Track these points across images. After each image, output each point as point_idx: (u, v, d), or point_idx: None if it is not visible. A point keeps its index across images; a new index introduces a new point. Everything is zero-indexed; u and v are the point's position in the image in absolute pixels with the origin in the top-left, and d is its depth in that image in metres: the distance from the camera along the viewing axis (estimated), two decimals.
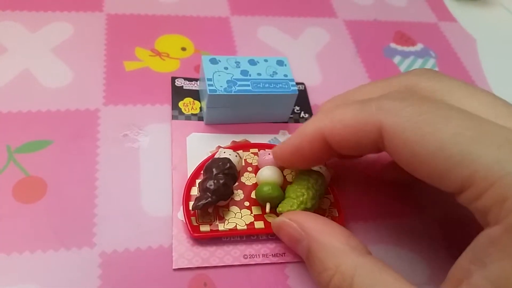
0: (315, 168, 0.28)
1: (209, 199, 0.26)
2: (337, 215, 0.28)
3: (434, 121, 0.20)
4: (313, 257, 0.22)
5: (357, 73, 0.38)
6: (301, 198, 0.26)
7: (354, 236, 0.23)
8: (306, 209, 0.25)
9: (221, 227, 0.26)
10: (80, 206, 0.26)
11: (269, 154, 0.29)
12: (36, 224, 0.25)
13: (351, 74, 0.38)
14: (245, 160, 0.30)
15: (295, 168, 0.28)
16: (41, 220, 0.25)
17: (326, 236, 0.22)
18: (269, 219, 0.27)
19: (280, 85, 0.30)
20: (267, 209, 0.27)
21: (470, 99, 0.23)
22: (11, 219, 0.25)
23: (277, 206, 0.26)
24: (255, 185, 0.28)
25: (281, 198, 0.27)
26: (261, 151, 0.30)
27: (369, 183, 0.30)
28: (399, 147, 0.21)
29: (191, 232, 0.25)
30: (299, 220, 0.24)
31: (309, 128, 0.24)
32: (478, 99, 0.23)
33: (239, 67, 0.31)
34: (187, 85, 0.33)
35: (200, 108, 0.32)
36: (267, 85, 0.30)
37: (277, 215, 0.27)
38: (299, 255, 0.26)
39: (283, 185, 0.28)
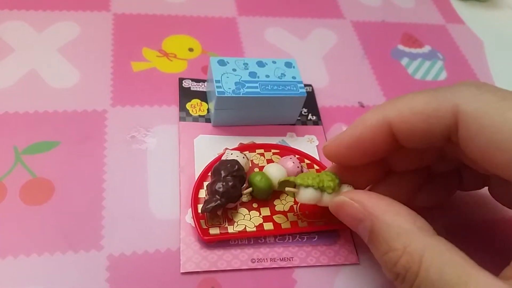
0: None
1: (218, 201, 0.25)
2: None
3: None
4: (377, 238, 0.21)
5: (364, 74, 0.38)
6: (317, 179, 0.25)
7: (420, 217, 0.21)
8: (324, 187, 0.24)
9: (230, 229, 0.26)
10: (87, 208, 0.26)
11: (293, 162, 0.29)
12: (43, 226, 0.25)
13: (359, 76, 0.38)
14: (251, 161, 0.30)
15: (348, 165, 0.25)
16: (48, 223, 0.25)
17: (392, 216, 0.21)
18: (278, 220, 0.27)
19: (289, 87, 0.30)
20: (245, 197, 0.27)
21: None
22: (18, 221, 0.25)
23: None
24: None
25: (268, 190, 0.27)
26: (284, 158, 0.29)
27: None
28: (476, 133, 0.19)
29: (201, 235, 0.25)
30: (361, 199, 0.22)
31: (371, 118, 0.22)
32: None
33: (247, 68, 0.30)
34: (195, 86, 0.33)
35: (208, 109, 0.32)
36: (275, 87, 0.30)
37: (285, 214, 0.27)
38: (307, 260, 0.26)
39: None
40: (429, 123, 0.21)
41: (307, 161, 0.30)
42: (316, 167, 0.30)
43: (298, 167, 0.28)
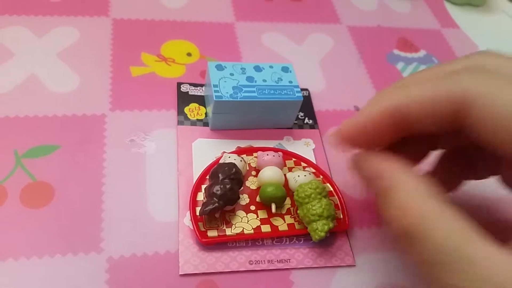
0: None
1: (216, 204, 0.26)
2: (342, 217, 0.28)
3: None
4: (393, 196, 0.21)
5: (360, 79, 0.38)
6: (326, 213, 0.26)
7: (436, 184, 0.21)
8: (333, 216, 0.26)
9: (228, 231, 0.26)
10: (87, 211, 0.26)
11: (267, 154, 0.29)
12: (44, 229, 0.25)
13: (355, 80, 0.38)
14: (249, 164, 0.30)
15: (358, 149, 0.25)
16: (48, 225, 0.26)
17: (411, 178, 0.21)
18: (275, 222, 0.27)
19: (285, 92, 0.31)
20: (273, 209, 0.27)
21: None
22: (19, 224, 0.25)
23: (311, 223, 0.26)
24: (260, 189, 0.28)
25: (285, 197, 0.28)
26: (259, 152, 0.30)
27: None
28: (486, 116, 0.19)
29: (199, 238, 0.26)
30: (383, 159, 0.23)
31: (381, 104, 0.22)
32: None
33: (245, 73, 0.31)
34: (193, 91, 0.33)
35: (206, 113, 0.32)
36: (272, 92, 0.30)
37: (282, 217, 0.28)
38: (304, 262, 0.26)
39: (285, 184, 0.28)
40: (440, 108, 0.21)
41: (303, 164, 0.31)
42: (312, 170, 0.30)
43: (274, 156, 0.29)
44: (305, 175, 0.28)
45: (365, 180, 0.24)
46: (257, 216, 0.27)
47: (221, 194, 0.26)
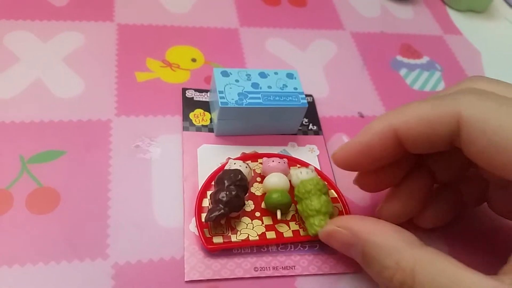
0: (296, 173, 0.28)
1: (222, 210, 0.26)
2: None
3: None
4: (370, 258, 0.23)
5: (364, 85, 0.38)
6: (324, 209, 0.26)
7: (406, 231, 0.23)
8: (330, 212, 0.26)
9: (233, 238, 0.26)
10: (93, 217, 0.27)
11: (272, 161, 0.29)
12: (50, 235, 0.25)
13: (358, 86, 0.38)
14: (254, 170, 0.30)
15: (357, 170, 0.27)
16: (54, 231, 0.26)
17: (379, 236, 0.23)
18: (280, 229, 0.27)
19: (290, 98, 0.31)
20: (278, 216, 0.27)
21: None
22: (25, 230, 0.25)
23: (309, 223, 0.26)
24: (265, 195, 0.28)
25: (290, 204, 0.28)
26: (264, 158, 0.30)
27: (377, 196, 0.31)
28: (477, 137, 0.21)
29: (205, 244, 0.26)
30: (348, 225, 0.24)
31: (379, 125, 0.24)
32: None
33: (250, 79, 0.31)
34: (198, 97, 0.34)
35: (211, 119, 0.32)
36: (277, 98, 0.30)
37: (287, 223, 0.28)
38: (309, 269, 0.26)
39: (290, 190, 0.28)
40: (434, 129, 0.22)
41: None
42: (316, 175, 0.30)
43: (279, 162, 0.29)
44: (307, 172, 0.29)
45: (341, 251, 0.25)
46: (262, 223, 0.28)
47: (226, 200, 0.26)
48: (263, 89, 0.31)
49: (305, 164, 0.31)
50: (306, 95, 0.35)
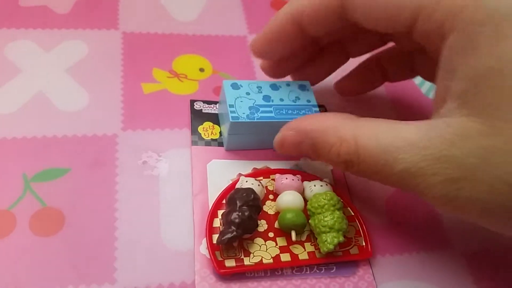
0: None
1: (234, 233, 0.25)
2: (364, 244, 0.27)
3: None
4: (317, 146, 0.25)
5: (377, 95, 0.37)
6: (337, 226, 0.25)
7: (343, 113, 0.25)
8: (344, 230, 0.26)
9: (246, 261, 0.25)
10: (99, 239, 0.25)
11: (286, 178, 0.28)
12: (54, 258, 0.24)
13: (371, 96, 0.37)
14: (266, 187, 0.29)
15: (271, 58, 0.31)
16: (59, 255, 0.25)
17: (321, 123, 0.25)
18: (295, 251, 0.26)
19: (304, 112, 0.29)
20: (293, 237, 0.26)
21: None
22: (28, 253, 0.24)
23: (323, 242, 0.25)
24: (278, 214, 0.27)
25: (305, 224, 0.26)
26: (277, 175, 0.29)
27: (395, 214, 0.30)
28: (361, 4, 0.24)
29: (217, 268, 0.24)
30: (293, 126, 0.27)
31: (279, 15, 0.27)
32: None
33: (261, 92, 0.30)
34: (206, 109, 0.32)
35: (220, 133, 0.31)
36: (290, 111, 0.29)
37: (302, 244, 0.26)
38: None
39: (304, 209, 0.27)
40: (327, 4, 0.25)
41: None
42: (328, 181, 0.29)
43: (293, 179, 0.28)
44: (321, 185, 0.28)
45: (296, 153, 0.27)
46: (276, 244, 0.26)
47: (239, 222, 0.25)
48: (275, 102, 0.29)
49: (319, 179, 0.30)
50: (319, 105, 0.34)
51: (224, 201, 0.27)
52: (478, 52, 0.19)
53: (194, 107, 0.32)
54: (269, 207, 0.28)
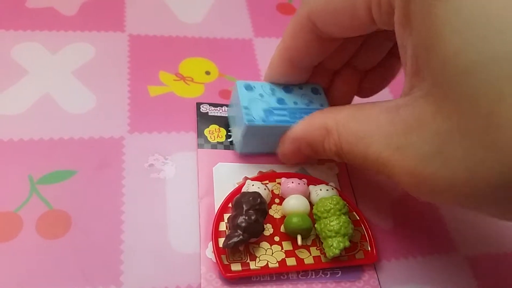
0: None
1: (241, 237, 0.25)
2: (369, 249, 0.27)
3: None
4: (313, 145, 0.26)
5: (385, 97, 0.37)
6: (343, 231, 0.25)
7: (327, 108, 0.26)
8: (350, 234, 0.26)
9: (252, 265, 0.25)
10: (106, 242, 0.25)
11: (292, 182, 0.28)
12: (61, 261, 0.24)
13: (380, 97, 0.37)
14: (272, 191, 0.29)
15: (293, 67, 0.29)
16: (65, 257, 0.25)
17: (312, 123, 0.26)
18: (301, 255, 0.26)
19: None
20: (299, 242, 0.26)
21: None
22: (35, 256, 0.24)
23: (330, 246, 0.25)
24: (284, 218, 0.27)
25: (311, 228, 0.26)
26: (283, 179, 0.29)
27: (400, 219, 0.30)
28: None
29: (223, 272, 0.24)
30: (288, 137, 0.27)
31: (296, 18, 0.26)
32: None
33: (275, 94, 0.29)
34: (212, 111, 0.32)
35: (226, 135, 0.31)
36: (303, 116, 0.28)
37: (308, 249, 0.26)
38: None
39: (310, 213, 0.27)
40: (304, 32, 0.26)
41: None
42: (334, 185, 0.29)
43: (299, 183, 0.28)
44: (327, 189, 0.28)
45: (300, 159, 0.29)
46: (282, 248, 0.26)
47: (245, 226, 0.25)
48: (289, 105, 0.29)
49: (324, 183, 0.30)
50: None
51: (230, 205, 0.27)
52: (412, 26, 0.19)
53: (200, 110, 0.32)
54: (275, 211, 0.28)
